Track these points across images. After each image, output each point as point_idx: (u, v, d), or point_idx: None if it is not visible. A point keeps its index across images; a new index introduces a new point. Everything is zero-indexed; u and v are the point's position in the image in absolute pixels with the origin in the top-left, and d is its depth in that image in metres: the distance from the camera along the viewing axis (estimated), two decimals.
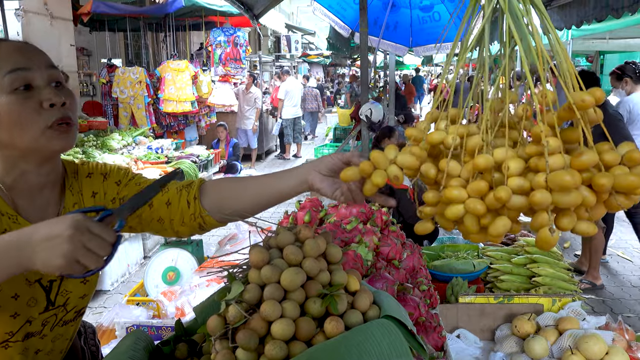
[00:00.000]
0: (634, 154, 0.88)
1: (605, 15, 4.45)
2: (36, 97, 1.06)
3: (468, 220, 0.94)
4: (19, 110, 1.03)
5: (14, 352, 1.15)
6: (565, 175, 0.82)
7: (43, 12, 6.78)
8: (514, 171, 0.88)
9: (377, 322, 1.02)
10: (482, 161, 0.90)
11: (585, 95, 0.87)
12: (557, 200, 0.84)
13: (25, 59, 1.06)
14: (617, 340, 2.01)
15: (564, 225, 0.89)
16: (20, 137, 1.05)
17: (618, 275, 4.95)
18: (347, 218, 1.92)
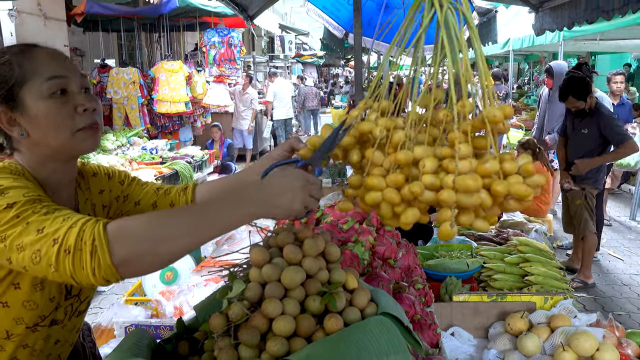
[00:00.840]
0: (529, 166, 0.98)
1: (596, 17, 4.51)
2: (71, 102, 1.15)
3: (384, 206, 1.04)
4: (55, 114, 1.13)
5: (39, 336, 1.20)
6: (469, 179, 0.93)
7: (36, 12, 6.77)
8: (428, 169, 0.98)
9: (375, 319, 1.05)
10: (403, 156, 1.00)
11: (496, 111, 0.98)
12: (460, 200, 0.95)
13: (62, 67, 1.16)
14: (607, 337, 2.05)
15: (463, 221, 0.99)
16: (54, 138, 1.14)
17: (609, 273, 5.01)
18: (344, 218, 1.95)
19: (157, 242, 0.92)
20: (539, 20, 5.81)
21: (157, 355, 1.17)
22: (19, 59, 1.13)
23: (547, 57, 13.44)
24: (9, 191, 1.01)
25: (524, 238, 3.34)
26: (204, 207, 1.00)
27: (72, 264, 0.91)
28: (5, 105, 1.12)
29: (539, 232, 3.92)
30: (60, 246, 0.92)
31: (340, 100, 17.99)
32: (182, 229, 0.94)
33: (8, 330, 1.15)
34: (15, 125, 1.13)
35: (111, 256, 0.90)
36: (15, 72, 1.12)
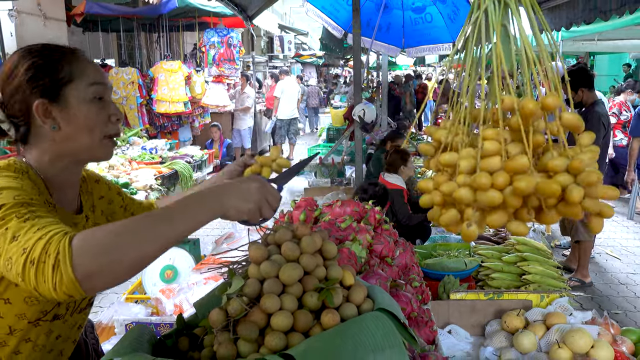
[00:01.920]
0: (575, 162, 0.90)
1: (594, 17, 4.53)
2: (106, 110, 1.24)
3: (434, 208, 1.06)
4: (93, 117, 1.21)
5: (41, 331, 1.22)
6: (482, 177, 0.91)
7: (36, 12, 6.79)
8: (463, 169, 0.96)
9: (371, 315, 1.07)
10: (446, 157, 1.00)
11: (528, 102, 0.93)
12: (478, 199, 0.93)
13: (100, 75, 1.25)
14: (602, 335, 2.08)
15: (491, 222, 0.97)
16: (86, 138, 1.21)
17: (606, 272, 5.04)
18: (341, 217, 1.97)
19: (121, 252, 0.91)
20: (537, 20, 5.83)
21: (157, 351, 1.19)
22: (68, 59, 1.20)
23: None
24: (2, 192, 1.03)
25: (522, 237, 3.36)
26: (164, 211, 0.99)
27: (35, 276, 0.90)
28: (46, 98, 1.16)
29: (537, 231, 3.95)
30: (27, 256, 0.91)
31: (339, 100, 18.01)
32: (144, 235, 0.94)
33: (11, 326, 1.17)
34: (49, 118, 1.17)
35: (74, 270, 0.88)
36: (64, 70, 1.18)
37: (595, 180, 0.89)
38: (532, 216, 0.97)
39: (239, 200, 1.04)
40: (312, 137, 15.05)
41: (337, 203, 2.06)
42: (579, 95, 4.44)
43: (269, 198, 1.08)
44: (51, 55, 1.19)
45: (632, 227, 6.45)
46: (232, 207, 1.03)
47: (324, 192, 4.55)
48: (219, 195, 1.04)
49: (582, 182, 0.89)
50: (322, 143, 10.50)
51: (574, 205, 0.90)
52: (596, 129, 4.28)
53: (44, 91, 1.16)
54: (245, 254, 1.28)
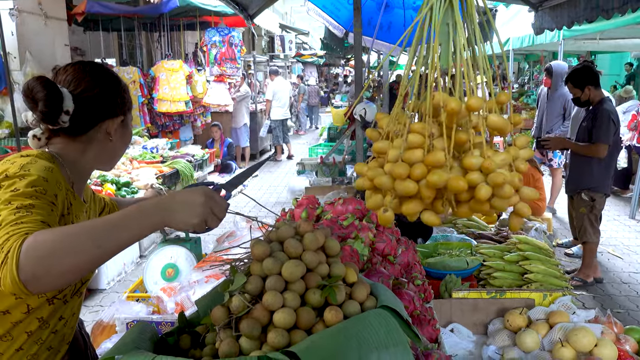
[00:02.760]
0: (486, 162, 0.98)
1: (596, 16, 4.52)
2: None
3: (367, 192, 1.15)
4: (129, 139, 1.51)
5: (51, 309, 1.30)
6: (398, 167, 0.98)
7: (37, 11, 6.78)
8: (390, 158, 1.04)
9: (375, 312, 1.07)
10: (378, 145, 1.08)
11: (451, 101, 0.99)
12: (395, 187, 1.00)
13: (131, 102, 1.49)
14: (605, 333, 2.07)
15: (405, 210, 1.05)
16: (120, 151, 1.48)
17: (609, 272, 5.03)
18: (344, 215, 1.96)
19: (63, 256, 0.94)
20: (539, 19, 5.82)
21: (159, 349, 1.18)
22: (128, 91, 1.46)
23: (547, 56, 13.45)
24: (27, 177, 1.15)
25: (524, 236, 3.35)
26: (110, 219, 1.02)
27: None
28: (122, 115, 1.42)
29: (539, 230, 3.93)
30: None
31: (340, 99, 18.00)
32: (88, 242, 0.96)
33: (29, 304, 1.25)
34: (112, 131, 1.40)
35: (19, 272, 0.92)
36: (129, 97, 1.46)
37: (501, 182, 0.96)
38: (446, 209, 1.05)
39: (184, 214, 1.06)
40: (312, 137, 15.04)
41: (339, 201, 2.05)
42: (586, 93, 4.43)
43: (215, 210, 1.10)
44: (122, 81, 1.45)
45: (634, 227, 6.44)
46: (178, 221, 1.06)
47: (325, 192, 4.54)
48: (164, 209, 1.06)
49: (491, 181, 0.97)
50: (323, 142, 10.48)
51: (482, 202, 0.99)
52: (606, 127, 4.27)
53: (123, 110, 1.42)
54: (248, 251, 1.27)
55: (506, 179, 0.98)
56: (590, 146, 4.36)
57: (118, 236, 1.00)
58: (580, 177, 4.52)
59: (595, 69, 4.54)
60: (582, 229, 4.57)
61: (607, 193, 4.57)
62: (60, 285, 0.98)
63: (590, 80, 4.40)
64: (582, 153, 4.44)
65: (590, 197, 4.48)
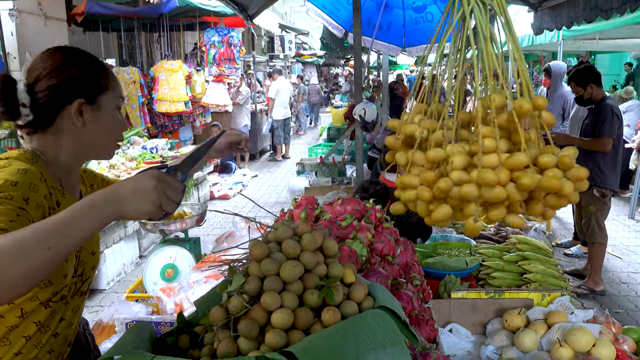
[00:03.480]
0: (565, 159, 0.97)
1: (595, 16, 4.53)
2: (122, 120, 1.43)
3: (419, 204, 1.05)
4: (115, 125, 1.40)
5: (48, 312, 1.29)
6: (487, 173, 0.93)
7: (37, 12, 6.79)
8: (457, 165, 0.98)
9: (372, 313, 1.07)
10: (433, 154, 1.01)
11: (524, 102, 0.97)
12: (483, 195, 0.95)
13: (121, 89, 1.44)
14: (604, 333, 2.07)
15: (491, 217, 0.99)
16: (104, 140, 1.39)
17: (607, 272, 5.03)
18: (342, 215, 1.96)
19: (12, 263, 0.88)
20: (538, 19, 5.83)
21: (158, 349, 1.19)
22: (105, 71, 1.38)
23: (546, 56, 13.45)
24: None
25: (523, 236, 3.36)
26: (59, 218, 0.96)
27: None
28: (85, 99, 1.32)
29: (538, 230, 3.94)
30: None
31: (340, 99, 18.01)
32: (37, 244, 0.91)
33: (23, 308, 1.23)
34: (80, 117, 1.32)
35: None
36: (102, 79, 1.36)
37: (584, 176, 0.98)
38: (524, 209, 1.01)
39: (136, 202, 1.01)
40: (312, 137, 15.05)
41: (338, 201, 2.06)
42: (588, 91, 4.45)
43: (169, 193, 1.05)
44: (96, 64, 1.37)
45: (633, 226, 6.45)
46: (131, 211, 1.01)
47: (324, 192, 4.55)
48: (114, 201, 1.01)
49: (572, 176, 0.97)
50: (323, 142, 10.50)
51: (564, 197, 0.97)
52: (610, 122, 4.29)
53: (85, 93, 1.31)
54: (246, 252, 1.28)
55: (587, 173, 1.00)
56: (596, 140, 4.36)
57: (68, 235, 0.95)
58: (590, 173, 4.51)
59: (596, 68, 4.55)
60: (589, 229, 4.51)
61: (616, 190, 4.55)
62: (18, 294, 0.91)
63: (593, 79, 4.42)
64: (587, 147, 4.41)
65: (602, 193, 4.45)
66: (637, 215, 6.73)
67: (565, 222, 6.31)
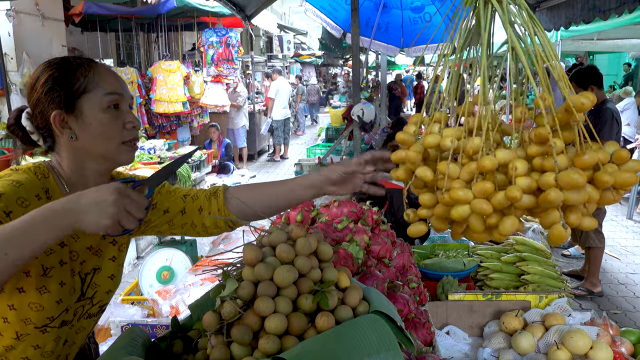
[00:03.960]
0: (622, 152, 0.96)
1: (593, 17, 4.53)
2: (121, 117, 1.27)
3: (474, 220, 0.97)
4: (109, 126, 1.25)
5: (49, 337, 1.24)
6: (574, 174, 0.87)
7: (34, 12, 6.77)
8: (521, 171, 0.92)
9: (367, 317, 1.06)
10: (488, 162, 0.92)
11: (583, 98, 0.93)
12: (568, 198, 0.88)
13: (118, 85, 1.28)
14: (601, 336, 2.06)
15: (572, 221, 0.93)
16: (102, 145, 1.26)
17: (606, 273, 5.03)
18: (339, 217, 1.96)
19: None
20: None
21: (151, 354, 1.18)
22: (84, 71, 1.23)
23: None
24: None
25: (521, 237, 3.35)
26: (17, 224, 0.95)
27: None
28: (63, 109, 1.21)
29: (536, 231, 3.93)
30: None
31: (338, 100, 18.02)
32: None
33: (18, 331, 1.19)
34: (66, 128, 1.22)
35: None
36: (79, 81, 1.22)
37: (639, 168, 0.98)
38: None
39: (94, 215, 0.97)
40: (311, 137, 15.04)
41: (335, 204, 2.05)
42: None
43: (130, 208, 1.01)
44: (68, 66, 1.23)
45: (631, 227, 6.44)
46: (88, 224, 0.98)
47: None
48: (71, 211, 0.97)
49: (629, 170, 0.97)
50: (321, 143, 10.49)
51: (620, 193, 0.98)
52: (609, 126, 4.26)
53: (60, 102, 1.21)
54: (240, 256, 1.27)
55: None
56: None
57: (24, 242, 0.93)
58: None
59: (598, 70, 4.52)
60: (583, 233, 4.50)
61: None
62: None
63: (594, 81, 4.39)
64: None
65: None
66: (636, 216, 6.73)
67: None
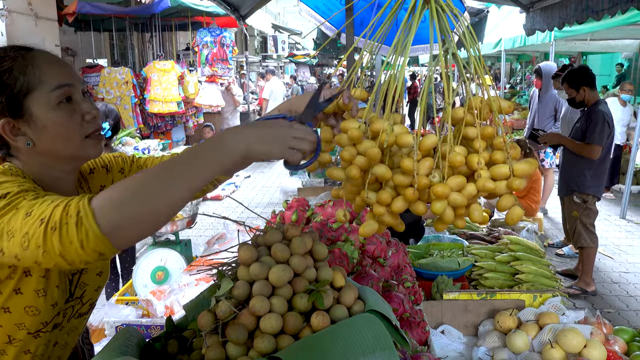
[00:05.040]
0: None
1: (586, 17, 4.55)
2: (78, 110, 1.16)
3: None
4: (65, 124, 1.13)
5: (41, 342, 1.20)
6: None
7: (27, 12, 6.73)
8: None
9: (362, 317, 1.06)
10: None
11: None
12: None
13: (65, 74, 1.15)
14: (595, 334, 2.08)
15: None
16: (63, 147, 1.15)
17: (599, 272, 5.05)
18: (334, 217, 1.96)
19: (146, 201, 0.87)
20: (530, 20, 5.86)
21: (146, 354, 1.17)
22: (21, 67, 1.10)
23: (538, 57, 13.52)
24: (3, 184, 1.00)
25: (515, 237, 3.37)
26: (188, 156, 0.94)
27: (60, 240, 0.87)
28: (9, 115, 1.10)
29: (530, 231, 3.94)
30: (46, 225, 0.88)
31: None
32: (168, 181, 0.89)
33: (10, 335, 1.15)
34: (19, 135, 1.12)
35: (98, 225, 0.85)
36: (19, 81, 1.09)
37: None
38: None
39: (260, 142, 0.95)
40: None
41: (329, 203, 2.05)
42: (581, 94, 4.40)
43: (297, 134, 0.98)
44: (1, 65, 1.10)
45: (624, 226, 6.48)
46: (254, 149, 0.94)
47: (317, 192, 4.53)
48: (237, 138, 0.95)
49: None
50: None
51: None
52: (600, 128, 4.24)
53: (4, 110, 1.09)
54: (236, 256, 1.27)
55: None
56: (585, 146, 4.32)
57: (195, 174, 0.92)
58: (572, 179, 4.49)
59: (590, 71, 4.52)
60: (575, 233, 4.50)
61: (599, 196, 4.49)
62: (143, 233, 0.90)
63: (586, 81, 4.37)
64: (576, 151, 4.38)
65: (582, 199, 4.44)
66: (629, 215, 6.77)
67: (557, 222, 6.33)
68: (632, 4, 3.84)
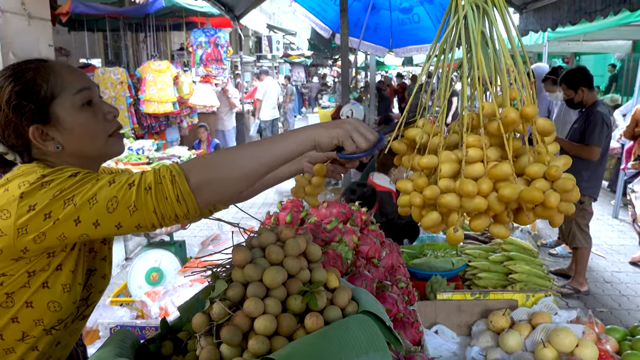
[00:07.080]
0: (552, 170, 0.95)
1: (579, 18, 4.58)
2: (99, 111, 1.24)
3: (413, 210, 1.08)
4: (90, 124, 1.21)
5: (50, 339, 1.21)
6: (468, 183, 0.93)
7: (21, 11, 6.69)
8: (445, 173, 0.99)
9: (356, 318, 1.07)
10: (425, 161, 1.02)
11: (510, 112, 0.96)
12: (464, 205, 0.95)
13: (83, 80, 1.23)
14: (587, 333, 2.09)
15: (474, 226, 1.00)
16: (90, 146, 1.23)
17: (592, 271, 5.09)
18: (328, 218, 1.96)
19: (228, 168, 1.04)
20: (523, 21, 5.89)
21: (140, 355, 1.18)
22: (43, 75, 1.16)
23: (532, 57, 13.57)
24: (68, 168, 1.08)
25: (509, 237, 3.38)
26: (262, 140, 1.13)
27: (156, 198, 1.00)
28: (37, 122, 1.15)
29: (524, 231, 3.97)
30: (138, 187, 1.01)
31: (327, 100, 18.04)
32: (245, 155, 1.07)
33: (25, 331, 1.16)
34: (48, 140, 1.18)
35: (188, 183, 1.01)
36: (43, 88, 1.15)
37: (571, 187, 0.94)
38: (511, 218, 0.99)
39: (328, 128, 1.11)
40: None
41: (324, 204, 2.06)
42: (579, 95, 4.39)
43: (360, 129, 1.11)
44: (25, 75, 1.15)
45: (616, 226, 6.52)
46: (322, 133, 1.10)
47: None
48: (309, 128, 1.13)
49: (559, 188, 0.94)
50: None
51: (551, 209, 0.95)
52: (599, 129, 4.23)
53: (33, 116, 1.15)
54: (230, 257, 1.27)
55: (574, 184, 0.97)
56: (584, 147, 4.31)
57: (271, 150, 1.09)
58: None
59: (588, 72, 4.52)
60: (570, 234, 4.50)
61: (595, 197, 4.49)
62: (221, 195, 1.06)
63: (584, 82, 4.37)
64: (574, 152, 4.32)
65: (579, 200, 4.43)
66: (621, 215, 6.81)
67: None
68: (624, 5, 3.86)
